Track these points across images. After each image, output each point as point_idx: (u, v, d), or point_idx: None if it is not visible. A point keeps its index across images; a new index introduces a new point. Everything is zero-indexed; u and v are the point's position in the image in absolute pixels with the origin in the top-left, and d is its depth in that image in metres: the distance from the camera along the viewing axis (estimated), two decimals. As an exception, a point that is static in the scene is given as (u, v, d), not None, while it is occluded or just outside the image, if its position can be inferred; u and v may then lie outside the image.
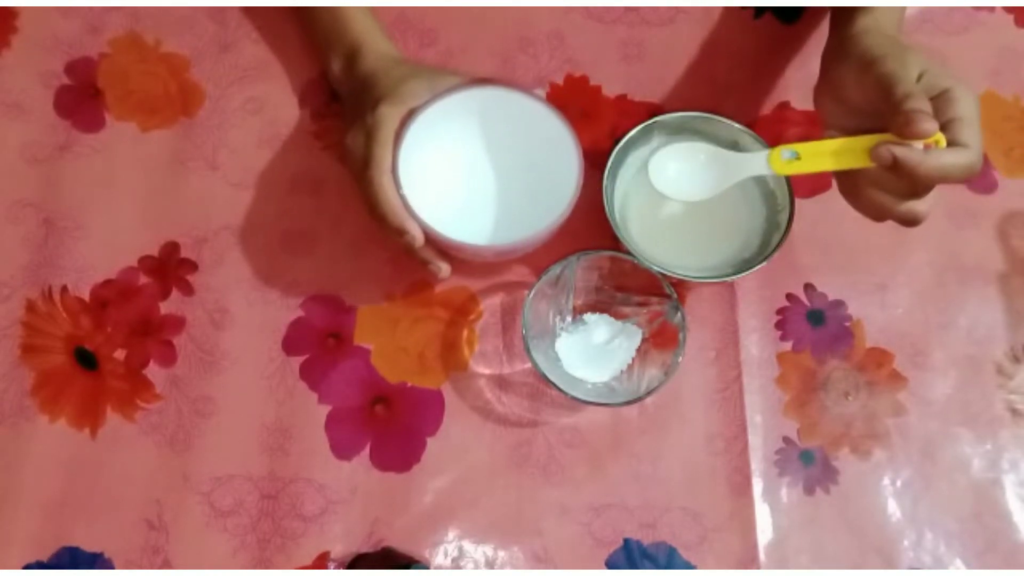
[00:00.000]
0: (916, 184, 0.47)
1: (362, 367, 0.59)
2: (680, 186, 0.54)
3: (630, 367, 0.58)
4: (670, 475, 0.58)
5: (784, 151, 0.50)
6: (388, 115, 0.53)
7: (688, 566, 0.56)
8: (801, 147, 0.50)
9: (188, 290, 0.61)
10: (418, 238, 0.52)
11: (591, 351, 0.58)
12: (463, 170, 0.60)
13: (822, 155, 0.49)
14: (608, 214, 0.57)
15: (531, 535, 0.56)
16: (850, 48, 0.51)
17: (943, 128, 0.47)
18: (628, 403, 0.55)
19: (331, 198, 0.63)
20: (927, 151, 0.46)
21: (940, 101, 0.48)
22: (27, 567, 0.55)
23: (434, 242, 0.53)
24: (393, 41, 0.61)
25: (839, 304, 0.62)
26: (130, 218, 0.62)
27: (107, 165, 0.63)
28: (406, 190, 0.52)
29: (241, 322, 0.60)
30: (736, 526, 0.57)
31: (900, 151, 0.46)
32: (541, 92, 0.55)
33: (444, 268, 0.56)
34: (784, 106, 0.67)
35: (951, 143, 0.47)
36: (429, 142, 0.55)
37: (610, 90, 0.67)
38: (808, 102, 0.67)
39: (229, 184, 0.63)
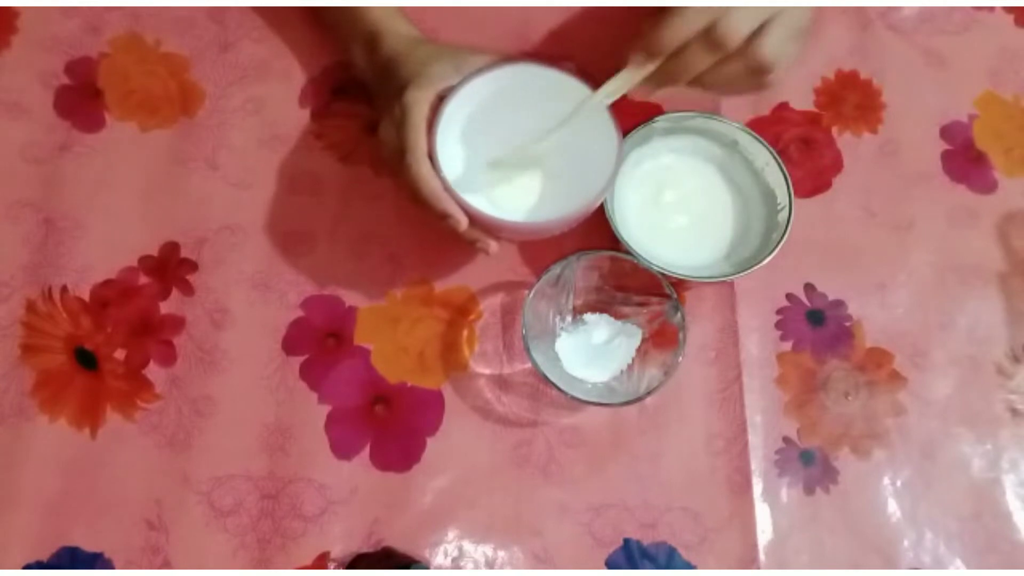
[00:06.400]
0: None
1: (362, 367, 0.59)
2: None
3: (630, 367, 0.58)
4: (670, 475, 0.58)
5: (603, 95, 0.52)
6: (417, 100, 0.52)
7: (688, 566, 0.56)
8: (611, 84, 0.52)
9: (188, 290, 0.61)
10: (462, 221, 0.51)
11: (591, 351, 0.58)
12: (496, 148, 0.57)
13: (625, 82, 0.51)
14: (608, 214, 0.57)
15: (531, 535, 0.56)
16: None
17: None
18: (628, 403, 0.55)
19: (331, 198, 0.63)
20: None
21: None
22: (27, 567, 0.54)
23: (475, 221, 0.53)
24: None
25: (839, 304, 0.62)
26: (130, 218, 0.62)
27: (107, 165, 0.63)
28: (445, 171, 0.51)
29: (241, 322, 0.60)
30: (736, 526, 0.57)
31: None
32: (571, 66, 0.53)
33: (493, 244, 0.54)
34: (784, 106, 0.67)
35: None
36: (461, 124, 0.54)
37: (610, 90, 0.67)
38: (808, 102, 0.67)
39: (229, 184, 0.63)
